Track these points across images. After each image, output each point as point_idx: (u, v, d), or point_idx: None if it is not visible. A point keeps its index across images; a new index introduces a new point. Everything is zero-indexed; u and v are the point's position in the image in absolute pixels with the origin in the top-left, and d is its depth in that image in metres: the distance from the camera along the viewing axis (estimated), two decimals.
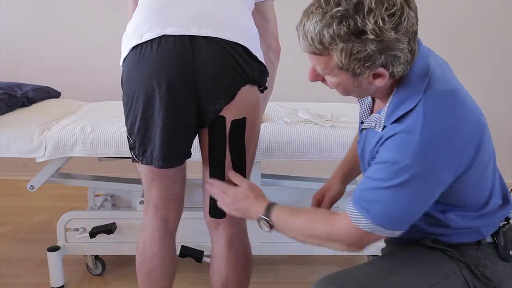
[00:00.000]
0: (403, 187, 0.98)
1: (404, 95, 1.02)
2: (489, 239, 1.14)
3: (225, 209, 1.30)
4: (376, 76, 1.00)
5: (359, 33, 0.92)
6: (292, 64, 2.41)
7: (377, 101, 1.16)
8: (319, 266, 1.17)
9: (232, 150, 1.33)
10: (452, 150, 0.99)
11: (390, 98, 1.05)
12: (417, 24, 0.97)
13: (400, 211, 1.01)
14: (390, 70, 0.98)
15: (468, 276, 1.12)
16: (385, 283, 1.07)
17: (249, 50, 1.28)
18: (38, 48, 3.05)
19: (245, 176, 1.39)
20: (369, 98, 1.20)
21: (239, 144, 1.34)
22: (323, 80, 1.08)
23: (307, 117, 2.00)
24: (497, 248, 1.14)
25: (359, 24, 0.91)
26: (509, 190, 1.20)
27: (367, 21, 0.91)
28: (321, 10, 0.94)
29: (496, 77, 3.07)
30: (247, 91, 1.30)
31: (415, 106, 0.99)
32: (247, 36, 1.29)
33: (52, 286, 1.97)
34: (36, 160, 1.81)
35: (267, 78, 1.38)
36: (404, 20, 0.93)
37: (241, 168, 1.37)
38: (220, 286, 1.43)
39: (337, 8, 0.92)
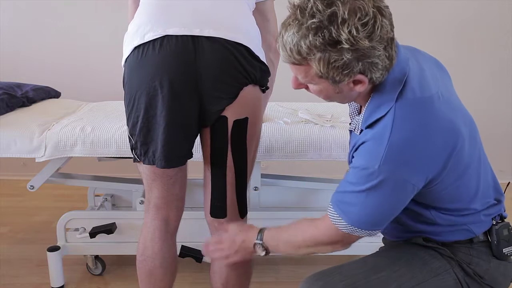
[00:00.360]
0: (374, 191, 1.03)
1: (378, 102, 1.05)
2: (482, 237, 1.15)
3: (227, 260, 1.29)
4: (356, 82, 1.02)
5: (334, 43, 0.94)
6: None
7: (362, 107, 1.18)
8: (319, 266, 1.17)
9: (233, 150, 1.33)
10: (420, 157, 1.01)
11: (367, 104, 1.08)
12: (392, 31, 0.99)
13: (374, 213, 1.06)
14: (368, 76, 1.00)
15: (460, 274, 1.13)
16: (373, 279, 1.10)
17: (251, 50, 1.28)
18: (38, 48, 3.05)
19: (246, 176, 1.39)
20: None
21: (240, 144, 1.34)
22: (307, 88, 1.10)
23: (307, 117, 2.00)
24: (490, 246, 1.15)
25: (334, 35, 0.94)
26: (503, 191, 1.21)
27: (342, 31, 0.93)
28: (297, 22, 0.97)
29: (497, 77, 3.07)
30: (249, 91, 1.30)
31: (386, 113, 1.03)
32: (249, 36, 1.29)
33: (52, 286, 1.97)
34: (36, 160, 1.80)
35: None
36: (378, 28, 0.95)
37: (243, 168, 1.37)
38: (220, 286, 1.43)
39: (312, 20, 0.94)
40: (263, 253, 1.22)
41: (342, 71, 0.98)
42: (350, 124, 1.21)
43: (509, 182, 1.21)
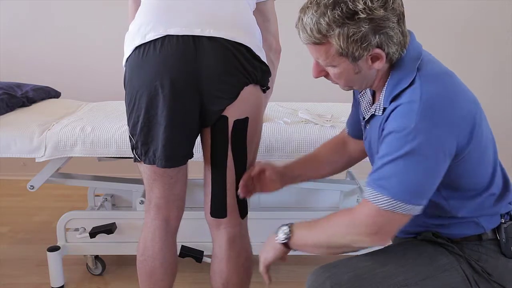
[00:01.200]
0: (412, 155, 1.00)
1: (398, 76, 1.08)
2: (490, 235, 1.15)
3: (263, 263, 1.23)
4: (374, 59, 1.06)
5: (351, 15, 1.00)
6: (292, 64, 2.41)
7: (377, 94, 1.19)
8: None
9: (234, 150, 1.34)
10: (452, 115, 1.02)
11: (387, 82, 1.10)
12: (403, 6, 1.05)
13: (415, 181, 1.02)
14: (385, 50, 1.04)
15: (468, 271, 1.13)
16: (379, 272, 1.09)
17: (252, 50, 1.28)
18: (38, 48, 3.05)
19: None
20: (369, 94, 1.22)
21: (241, 144, 1.34)
22: (327, 75, 1.14)
23: (307, 117, 2.00)
24: (499, 244, 1.15)
25: (351, 6, 1.00)
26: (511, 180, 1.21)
27: (357, 3, 1.00)
28: (315, 2, 1.04)
29: (497, 77, 3.07)
30: (250, 91, 1.30)
31: (410, 83, 1.05)
32: (250, 36, 1.29)
33: (52, 286, 1.97)
34: (36, 160, 1.80)
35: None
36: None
37: (243, 168, 1.37)
38: (221, 286, 1.43)
39: None
40: (284, 236, 1.15)
41: (361, 44, 1.02)
42: (364, 119, 1.22)
43: None
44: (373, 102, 1.21)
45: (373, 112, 1.15)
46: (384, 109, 1.10)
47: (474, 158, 1.08)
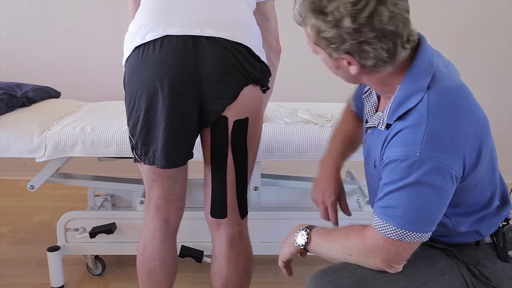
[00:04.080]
0: (419, 184, 0.98)
1: (407, 92, 1.03)
2: (488, 240, 1.15)
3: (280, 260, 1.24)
4: (348, 63, 1.03)
5: (320, 13, 0.98)
6: (292, 64, 2.41)
7: (382, 100, 1.17)
8: (319, 266, 1.17)
9: (234, 150, 1.34)
10: (459, 141, 0.99)
11: (393, 97, 1.06)
12: (394, 25, 0.97)
13: (422, 209, 1.00)
14: (357, 59, 1.01)
15: (467, 275, 1.13)
16: (380, 277, 1.08)
17: (252, 50, 1.28)
18: (38, 48, 3.05)
19: (246, 176, 1.39)
20: (375, 97, 1.21)
21: (241, 144, 1.34)
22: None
23: (307, 117, 2.00)
24: (496, 249, 1.15)
25: (322, 4, 0.97)
26: (509, 191, 1.21)
27: (330, 4, 0.96)
28: None
29: (497, 77, 3.07)
30: (250, 91, 1.30)
31: (418, 103, 1.01)
32: (249, 36, 1.29)
33: (52, 286, 1.97)
34: (36, 160, 1.80)
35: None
36: (369, 13, 0.94)
37: (243, 168, 1.37)
38: (221, 286, 1.43)
39: None
40: (302, 242, 1.15)
41: (329, 44, 1.00)
42: (366, 122, 1.20)
43: None
44: (377, 108, 1.19)
45: (375, 125, 1.12)
46: (388, 125, 1.06)
47: (480, 174, 1.06)
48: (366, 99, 1.23)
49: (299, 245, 1.16)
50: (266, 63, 1.35)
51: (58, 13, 3.00)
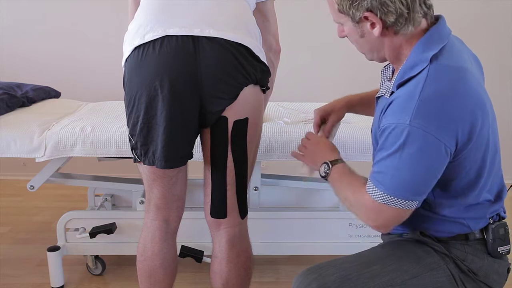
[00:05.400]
0: (407, 150, 1.01)
1: (412, 62, 1.07)
2: (478, 235, 1.16)
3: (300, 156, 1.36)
4: (373, 25, 1.07)
5: None
6: (292, 64, 2.41)
7: (395, 74, 1.19)
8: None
9: (234, 151, 1.33)
10: (450, 114, 1.01)
11: (403, 64, 1.10)
12: None
13: (408, 177, 1.03)
14: (378, 15, 1.05)
15: (454, 270, 1.14)
16: (365, 272, 1.10)
17: (252, 50, 1.28)
18: (38, 48, 3.05)
19: (246, 176, 1.39)
20: (390, 70, 1.23)
21: (241, 145, 1.34)
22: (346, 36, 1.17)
23: (288, 119, 2.00)
24: (486, 244, 1.16)
25: None
26: (507, 188, 1.21)
27: None
28: None
29: (498, 78, 3.07)
30: (250, 92, 1.30)
31: (419, 72, 1.05)
32: (249, 36, 1.29)
33: (52, 286, 1.97)
34: (36, 160, 1.80)
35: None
36: None
37: (243, 168, 1.37)
38: (221, 286, 1.43)
39: None
40: (323, 174, 1.25)
41: (351, 3, 1.05)
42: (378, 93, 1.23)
43: (511, 186, 1.21)
44: (392, 78, 1.21)
45: (383, 94, 1.16)
46: (392, 93, 1.11)
47: (470, 162, 1.07)
48: (383, 73, 1.26)
49: (321, 175, 1.26)
50: (266, 63, 1.35)
51: (58, 13, 3.00)
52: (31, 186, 1.92)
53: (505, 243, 1.16)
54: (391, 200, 1.05)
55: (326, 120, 1.45)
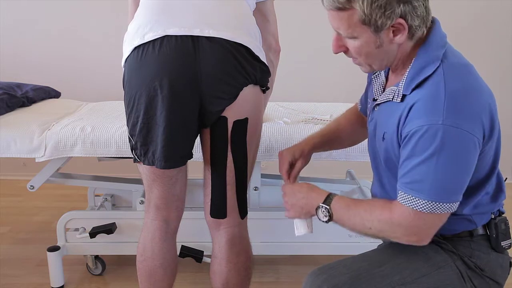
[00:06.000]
0: (443, 152, 0.99)
1: (422, 63, 1.06)
2: (481, 231, 1.16)
3: (287, 212, 1.26)
4: (396, 31, 1.04)
5: None
6: (292, 64, 2.41)
7: (391, 78, 1.19)
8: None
9: (233, 151, 1.33)
10: (477, 106, 1.02)
11: (409, 68, 1.09)
12: None
13: (450, 178, 1.01)
14: (409, 22, 1.03)
15: (462, 267, 1.14)
16: (376, 272, 1.09)
17: (251, 50, 1.28)
18: (38, 48, 3.05)
19: (246, 177, 1.39)
20: (383, 75, 1.22)
21: (241, 145, 1.34)
22: (346, 51, 1.12)
23: (288, 119, 2.00)
24: (489, 240, 1.16)
25: None
26: (504, 180, 1.21)
27: None
28: None
29: (498, 78, 3.07)
30: (250, 92, 1.30)
31: (434, 72, 1.04)
32: (249, 36, 1.29)
33: (52, 286, 1.97)
34: (36, 160, 1.81)
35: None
36: None
37: (243, 168, 1.37)
38: (220, 286, 1.43)
39: None
40: (325, 219, 1.15)
41: (384, 11, 1.01)
42: (374, 100, 1.21)
43: (506, 178, 1.22)
44: (385, 86, 1.20)
45: (390, 99, 1.12)
46: (404, 96, 1.08)
47: (487, 155, 1.08)
48: (375, 79, 1.25)
49: (322, 221, 1.16)
50: (266, 63, 1.35)
51: (58, 13, 3.00)
52: (31, 186, 1.92)
53: (506, 238, 1.16)
54: (436, 207, 1.02)
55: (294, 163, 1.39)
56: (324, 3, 1.06)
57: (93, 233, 1.90)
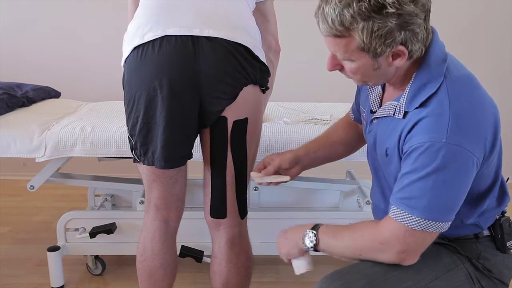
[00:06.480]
0: (444, 170, 0.97)
1: (424, 80, 1.04)
2: (486, 232, 1.16)
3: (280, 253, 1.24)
4: (396, 55, 1.01)
5: (379, 8, 0.94)
6: (292, 64, 2.41)
7: (388, 90, 1.17)
8: (319, 266, 1.17)
9: (233, 151, 1.33)
10: (480, 126, 1.01)
11: (410, 84, 1.06)
12: (430, 1, 1.00)
13: (446, 197, 1.00)
14: (409, 47, 1.00)
15: (470, 269, 1.13)
16: (390, 277, 1.08)
17: (251, 50, 1.28)
18: (38, 48, 3.05)
19: (246, 177, 1.39)
20: (379, 87, 1.21)
21: (240, 145, 1.34)
22: (342, 69, 1.09)
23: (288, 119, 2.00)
24: (495, 241, 1.16)
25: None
26: (506, 181, 1.21)
27: None
28: None
29: (499, 78, 3.07)
30: (249, 92, 1.30)
31: (437, 90, 1.02)
32: (249, 36, 1.29)
33: (52, 286, 1.97)
34: (36, 160, 1.81)
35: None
36: None
37: (242, 168, 1.37)
38: (220, 286, 1.43)
39: None
40: (311, 245, 1.13)
41: (384, 41, 0.97)
42: (372, 112, 1.19)
43: (507, 178, 1.22)
44: (382, 98, 1.19)
45: (391, 114, 1.10)
46: (406, 113, 1.06)
47: (489, 169, 1.08)
48: (370, 90, 1.22)
49: (308, 248, 1.14)
50: (266, 63, 1.35)
51: (58, 13, 3.00)
52: (31, 186, 1.92)
53: (510, 238, 1.17)
54: (428, 225, 1.01)
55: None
56: (321, 29, 1.02)
57: (93, 233, 1.90)
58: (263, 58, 1.33)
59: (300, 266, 1.20)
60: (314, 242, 1.13)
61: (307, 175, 2.26)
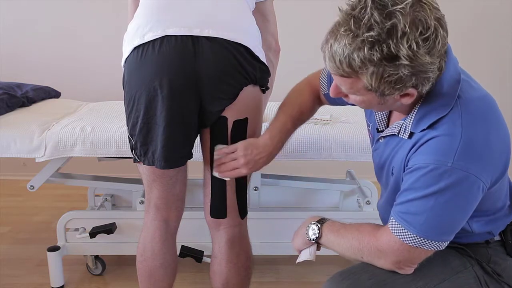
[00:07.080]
0: (445, 193, 0.96)
1: (436, 102, 1.00)
2: (497, 237, 1.16)
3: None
4: (405, 95, 0.98)
5: (392, 59, 0.89)
6: (292, 64, 2.41)
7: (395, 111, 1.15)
8: (319, 266, 1.17)
9: None
10: (492, 152, 0.98)
11: (417, 106, 1.03)
12: (447, 41, 0.96)
13: (445, 219, 0.99)
14: (419, 89, 0.97)
15: (479, 272, 1.13)
16: (399, 277, 1.07)
17: (251, 50, 1.28)
18: (38, 48, 3.05)
19: (246, 177, 1.39)
20: None
21: None
22: (345, 97, 1.06)
23: None
24: (505, 246, 1.16)
25: (393, 50, 0.88)
26: None
27: (401, 46, 0.87)
28: (350, 33, 0.90)
29: (499, 78, 3.07)
30: (249, 92, 1.30)
31: (449, 111, 0.98)
32: (249, 36, 1.29)
33: (52, 286, 1.97)
34: (36, 160, 1.81)
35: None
36: (438, 43, 0.91)
37: None
38: (220, 286, 1.43)
39: (369, 33, 0.88)
40: (313, 237, 1.15)
41: (394, 86, 0.93)
42: (379, 131, 1.17)
43: None
44: (389, 117, 1.17)
45: (395, 133, 1.08)
46: (411, 134, 1.03)
47: (501, 189, 1.07)
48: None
49: (310, 239, 1.16)
50: (266, 63, 1.35)
51: (58, 13, 3.00)
52: (31, 186, 1.92)
53: None
54: (424, 243, 1.00)
55: None
56: (326, 65, 0.97)
57: (93, 233, 1.90)
58: (263, 58, 1.33)
59: (302, 254, 1.22)
60: (317, 235, 1.14)
61: (307, 175, 2.27)
